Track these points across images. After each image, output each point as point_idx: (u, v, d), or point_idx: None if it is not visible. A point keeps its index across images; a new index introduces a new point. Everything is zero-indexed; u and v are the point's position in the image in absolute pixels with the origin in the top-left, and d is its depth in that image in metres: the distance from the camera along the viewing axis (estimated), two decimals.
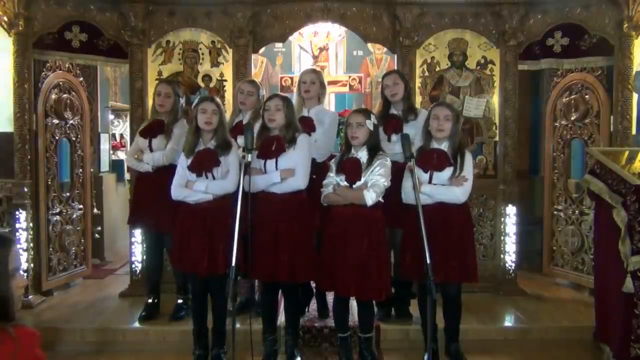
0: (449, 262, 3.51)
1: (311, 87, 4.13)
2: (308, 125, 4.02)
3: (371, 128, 3.50)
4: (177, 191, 3.65)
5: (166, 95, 4.31)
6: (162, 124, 4.32)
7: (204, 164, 3.60)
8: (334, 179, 3.54)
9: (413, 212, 3.26)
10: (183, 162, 3.67)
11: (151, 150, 4.29)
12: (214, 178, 3.62)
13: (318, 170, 3.82)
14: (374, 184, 3.43)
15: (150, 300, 4.41)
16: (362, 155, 3.52)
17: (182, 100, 4.47)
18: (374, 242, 3.48)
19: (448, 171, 3.57)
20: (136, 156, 4.33)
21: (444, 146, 3.62)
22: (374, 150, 3.53)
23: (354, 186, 3.47)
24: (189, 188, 3.62)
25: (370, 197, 3.40)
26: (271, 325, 3.76)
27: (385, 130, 4.03)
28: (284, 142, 3.58)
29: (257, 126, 3.72)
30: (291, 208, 3.58)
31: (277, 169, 3.57)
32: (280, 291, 3.78)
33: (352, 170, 3.48)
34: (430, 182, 3.57)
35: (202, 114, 3.60)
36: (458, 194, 3.56)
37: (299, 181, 3.58)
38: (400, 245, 3.77)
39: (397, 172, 3.58)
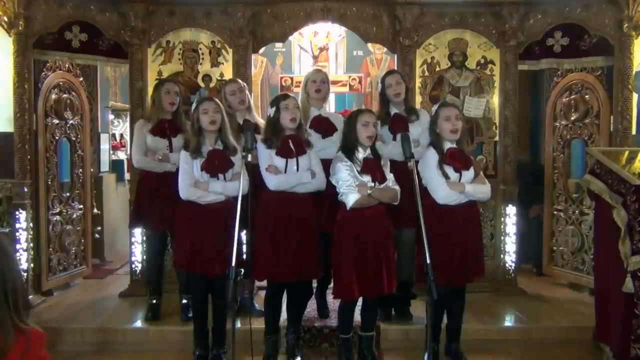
0: (477, 260, 3.66)
1: (322, 87, 4.11)
2: (327, 126, 4.02)
3: (378, 128, 3.57)
4: (189, 191, 3.59)
5: (175, 93, 4.32)
6: (174, 123, 4.30)
7: (220, 165, 3.60)
8: (354, 180, 3.43)
9: (440, 213, 3.45)
10: (189, 162, 3.62)
11: (171, 150, 4.23)
12: (225, 179, 3.62)
13: None
14: (395, 182, 3.52)
15: (154, 301, 4.40)
16: (369, 154, 3.52)
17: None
18: (392, 237, 3.60)
19: (472, 170, 3.62)
20: (159, 157, 4.21)
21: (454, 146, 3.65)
22: (375, 149, 3.55)
23: (381, 186, 3.48)
24: (201, 188, 3.60)
25: (399, 194, 3.50)
26: (274, 326, 3.76)
27: (393, 130, 4.01)
28: (303, 142, 3.62)
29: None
30: (309, 208, 3.61)
31: (298, 169, 3.58)
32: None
33: (380, 171, 3.49)
34: (459, 181, 3.58)
35: (205, 114, 3.60)
36: (490, 190, 3.69)
37: (323, 182, 3.62)
38: (414, 247, 3.76)
39: (399, 172, 3.61)
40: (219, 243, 3.52)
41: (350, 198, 3.41)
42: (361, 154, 3.50)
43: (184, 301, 4.35)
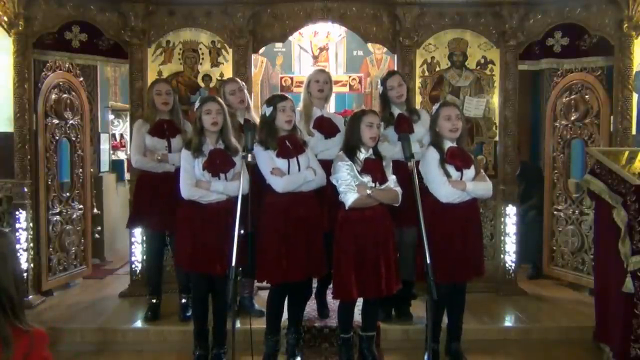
0: (478, 258, 3.67)
1: (325, 87, 4.10)
2: (330, 127, 4.02)
3: (381, 129, 3.59)
4: (191, 191, 3.59)
5: (167, 93, 4.32)
6: (173, 123, 4.31)
7: (222, 164, 3.60)
8: (354, 179, 3.43)
9: (442, 211, 3.45)
10: (190, 161, 3.62)
11: (170, 150, 4.24)
12: (226, 179, 3.62)
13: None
14: (396, 184, 3.51)
15: (154, 301, 4.40)
16: (371, 155, 3.53)
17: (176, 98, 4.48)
18: (393, 238, 3.58)
19: (473, 168, 3.64)
20: (158, 158, 4.23)
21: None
22: (377, 150, 3.55)
23: (382, 186, 3.48)
24: (202, 188, 3.59)
25: (401, 196, 3.48)
26: (276, 327, 3.76)
27: (399, 130, 3.97)
28: (300, 141, 3.64)
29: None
30: (314, 206, 3.63)
31: (299, 168, 3.59)
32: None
33: (381, 171, 3.48)
34: (461, 179, 3.59)
35: (208, 115, 3.59)
36: (491, 188, 3.70)
37: (324, 178, 3.63)
38: (415, 246, 3.74)
39: (400, 171, 3.61)
40: (220, 242, 3.51)
41: (349, 197, 3.41)
42: (363, 154, 3.50)
43: (184, 301, 4.35)
